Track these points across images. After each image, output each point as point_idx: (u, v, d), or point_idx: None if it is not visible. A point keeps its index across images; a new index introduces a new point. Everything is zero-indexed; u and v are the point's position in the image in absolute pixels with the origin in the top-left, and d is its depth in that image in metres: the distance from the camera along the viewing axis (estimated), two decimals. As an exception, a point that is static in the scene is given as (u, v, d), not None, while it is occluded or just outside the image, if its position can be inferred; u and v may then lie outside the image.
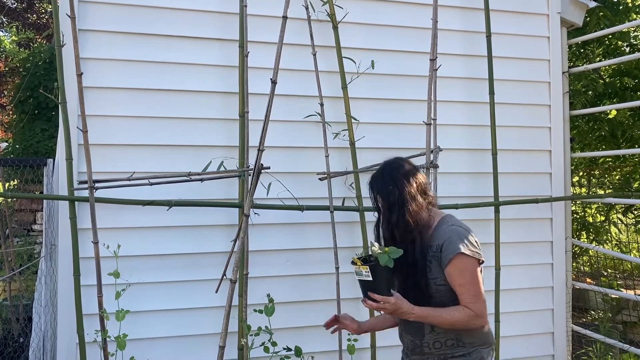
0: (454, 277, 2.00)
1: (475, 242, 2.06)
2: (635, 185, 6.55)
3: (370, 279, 1.92)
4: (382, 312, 1.96)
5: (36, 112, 7.52)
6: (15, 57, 10.17)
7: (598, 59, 6.30)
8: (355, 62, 3.37)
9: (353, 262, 1.98)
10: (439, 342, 2.09)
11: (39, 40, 9.32)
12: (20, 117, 7.57)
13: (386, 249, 1.95)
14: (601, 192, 6.61)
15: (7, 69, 9.65)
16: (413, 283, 2.07)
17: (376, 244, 1.99)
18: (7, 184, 5.66)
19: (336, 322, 2.34)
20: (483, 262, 2.07)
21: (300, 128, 3.37)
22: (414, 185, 2.08)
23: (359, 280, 1.98)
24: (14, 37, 12.62)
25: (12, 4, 9.25)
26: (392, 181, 2.07)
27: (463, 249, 1.99)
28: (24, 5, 9.17)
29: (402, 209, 2.04)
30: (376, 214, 2.19)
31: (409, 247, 2.05)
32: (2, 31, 11.90)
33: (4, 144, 9.07)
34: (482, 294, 2.03)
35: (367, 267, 1.91)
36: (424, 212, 2.08)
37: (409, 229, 2.04)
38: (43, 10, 9.74)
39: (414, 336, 2.15)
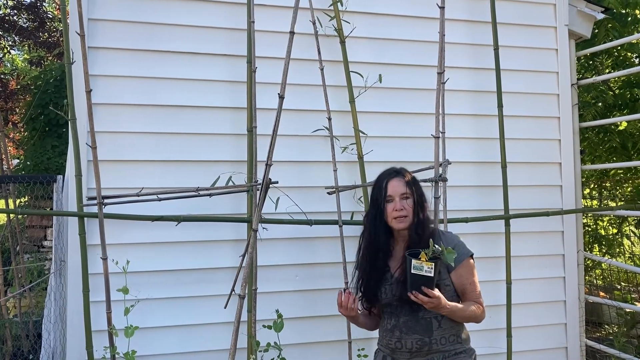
0: (465, 277, 2.22)
1: None
2: (647, 197, 6.48)
3: (431, 275, 1.99)
4: (425, 305, 2.04)
5: (47, 129, 7.61)
6: (27, 75, 10.30)
7: (607, 70, 6.28)
8: (362, 76, 3.38)
9: (416, 257, 2.01)
10: (444, 337, 2.20)
11: (50, 58, 9.43)
12: (31, 134, 7.65)
13: (448, 248, 2.02)
14: (613, 204, 6.53)
15: (18, 87, 9.76)
16: None
17: (437, 245, 2.05)
18: (17, 201, 5.69)
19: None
20: None
21: (308, 142, 3.37)
22: None
23: (413, 273, 2.01)
24: (26, 55, 12.79)
25: (24, 23, 9.36)
26: (420, 185, 2.28)
27: (470, 252, 2.24)
28: (35, 24, 9.27)
29: (424, 210, 2.25)
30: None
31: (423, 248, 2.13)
32: (14, 50, 12.07)
33: (16, 161, 9.16)
34: None
35: (432, 263, 1.98)
36: None
37: (430, 229, 2.24)
38: (54, 29, 9.85)
39: (422, 334, 2.19)
